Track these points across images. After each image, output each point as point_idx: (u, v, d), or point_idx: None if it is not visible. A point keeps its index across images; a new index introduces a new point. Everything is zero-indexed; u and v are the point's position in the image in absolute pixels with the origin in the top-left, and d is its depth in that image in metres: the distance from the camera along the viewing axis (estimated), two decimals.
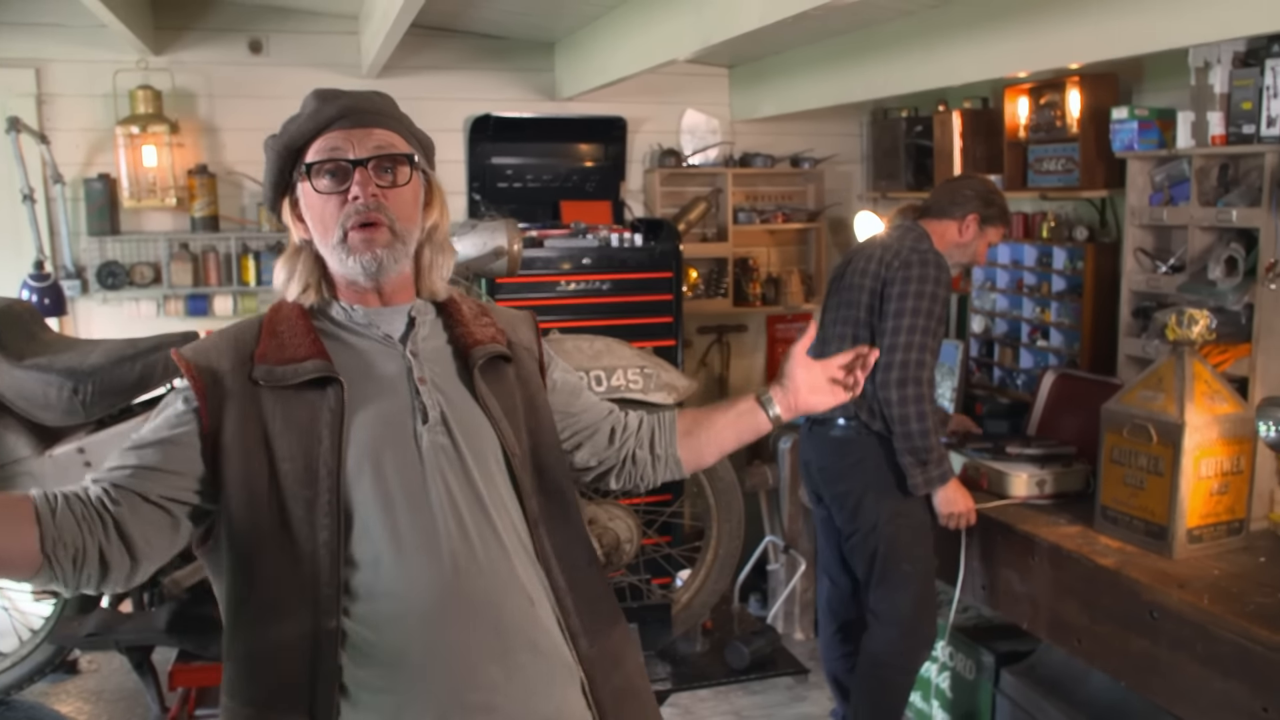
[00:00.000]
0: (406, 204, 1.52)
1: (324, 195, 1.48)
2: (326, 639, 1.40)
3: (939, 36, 3.43)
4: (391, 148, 1.51)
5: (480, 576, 1.45)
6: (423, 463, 1.46)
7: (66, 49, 4.27)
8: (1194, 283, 3.12)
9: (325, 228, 1.49)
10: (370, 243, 1.47)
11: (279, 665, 1.41)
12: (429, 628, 1.41)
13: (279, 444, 1.42)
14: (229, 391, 1.44)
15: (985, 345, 4.32)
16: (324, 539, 1.40)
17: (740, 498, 2.93)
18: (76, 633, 3.30)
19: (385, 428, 1.47)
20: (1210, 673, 2.35)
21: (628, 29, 3.87)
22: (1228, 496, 2.71)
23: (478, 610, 1.43)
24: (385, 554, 1.42)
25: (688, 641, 2.89)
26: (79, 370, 3.13)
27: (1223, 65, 2.98)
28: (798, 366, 1.80)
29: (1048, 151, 3.80)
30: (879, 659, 3.14)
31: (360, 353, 1.53)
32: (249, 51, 4.49)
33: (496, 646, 1.44)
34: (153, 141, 4.28)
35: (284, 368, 1.45)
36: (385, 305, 1.56)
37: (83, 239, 4.35)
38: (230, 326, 1.56)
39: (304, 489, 1.41)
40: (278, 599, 1.41)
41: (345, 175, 1.48)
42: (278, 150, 1.53)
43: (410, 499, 1.44)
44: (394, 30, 3.60)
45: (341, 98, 1.51)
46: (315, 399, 1.45)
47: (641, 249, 4.46)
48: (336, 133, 1.49)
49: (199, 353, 1.49)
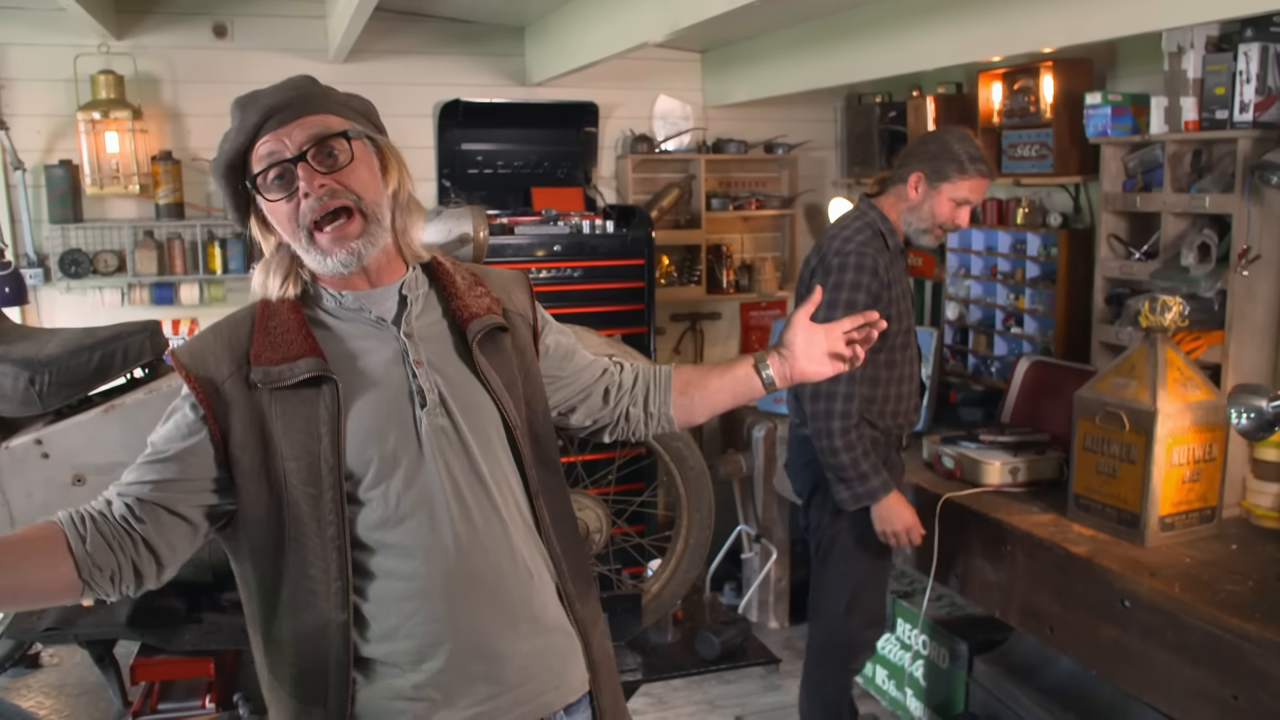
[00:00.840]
0: (363, 178, 1.49)
1: (276, 202, 1.47)
2: (337, 631, 1.44)
3: (912, 21, 3.40)
4: (323, 128, 1.47)
5: (483, 555, 1.49)
6: (422, 447, 1.48)
7: (25, 32, 4.17)
8: (1167, 269, 3.11)
9: (290, 230, 1.48)
10: (342, 239, 1.46)
11: (299, 654, 1.47)
12: (435, 606, 1.46)
13: (281, 444, 1.44)
14: (229, 397, 1.46)
15: (959, 332, 4.30)
16: (331, 535, 1.44)
17: (710, 486, 2.91)
18: (36, 627, 3.25)
19: (383, 417, 1.48)
20: (1181, 660, 2.34)
21: (598, 13, 3.83)
22: (1200, 484, 2.70)
23: (481, 588, 1.48)
24: (391, 539, 1.46)
25: (659, 631, 2.86)
26: (35, 360, 3.06)
27: (1196, 50, 2.96)
28: (798, 333, 1.79)
29: (1021, 137, 3.79)
30: (813, 653, 3.08)
31: (353, 341, 1.52)
32: (213, 35, 4.41)
33: (500, 621, 1.49)
34: (115, 127, 4.20)
35: (279, 368, 1.45)
36: (374, 286, 1.54)
37: (45, 226, 4.26)
38: (223, 323, 1.54)
39: (309, 487, 1.44)
40: (296, 591, 1.46)
41: (291, 176, 1.46)
42: (222, 172, 1.51)
43: (411, 485, 1.46)
44: (359, 13, 3.53)
45: (260, 99, 1.49)
46: (312, 397, 1.45)
47: (613, 236, 4.42)
48: (268, 136, 1.47)
49: (196, 359, 1.48)
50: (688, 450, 2.87)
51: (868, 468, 2.79)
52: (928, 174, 2.81)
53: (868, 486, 2.79)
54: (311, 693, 1.47)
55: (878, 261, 2.78)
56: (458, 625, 1.47)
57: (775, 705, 3.78)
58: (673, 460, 2.86)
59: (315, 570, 1.45)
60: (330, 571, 1.44)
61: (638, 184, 4.92)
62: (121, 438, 3.11)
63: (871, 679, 3.85)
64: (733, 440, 4.62)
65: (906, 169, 2.86)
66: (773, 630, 4.36)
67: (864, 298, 2.74)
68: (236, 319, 1.54)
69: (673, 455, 2.86)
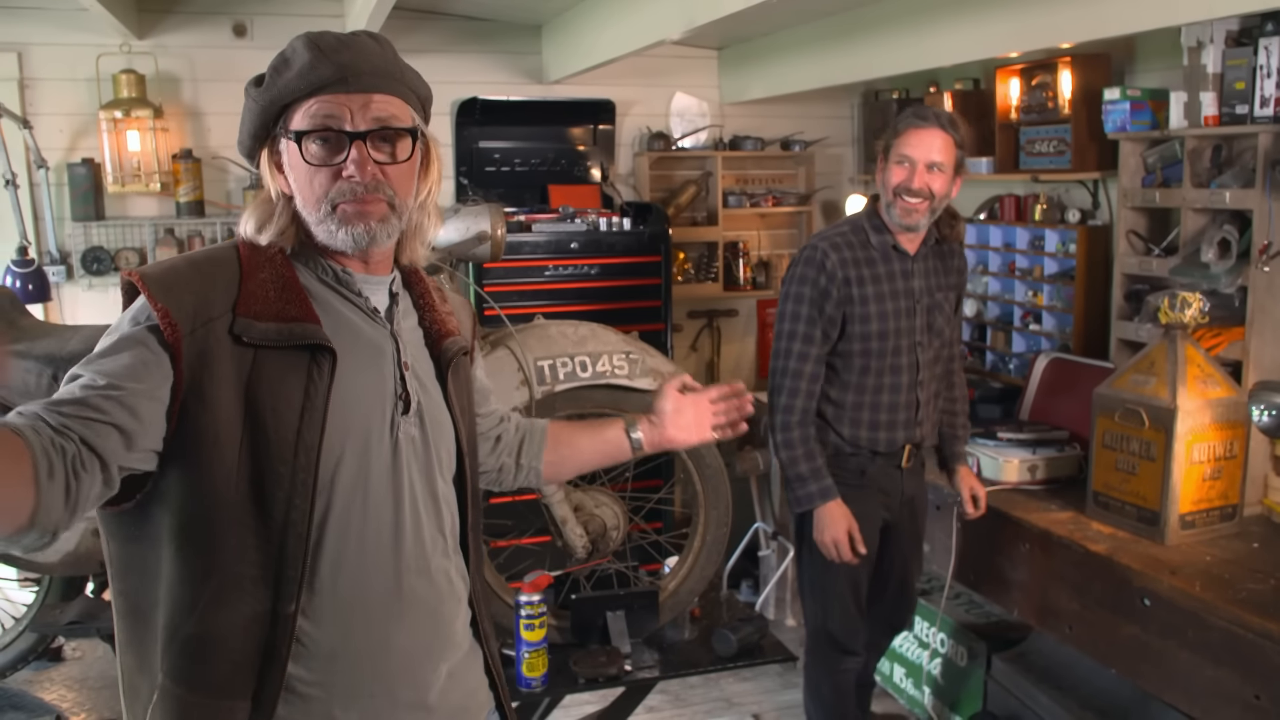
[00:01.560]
0: (405, 177, 1.39)
1: (314, 166, 1.34)
2: (282, 624, 1.32)
3: (929, 17, 3.39)
4: (393, 119, 1.36)
5: (426, 577, 1.44)
6: (396, 454, 1.41)
7: (48, 32, 4.21)
8: (1187, 265, 3.09)
9: (313, 198, 1.35)
10: (364, 215, 1.35)
11: (231, 648, 1.31)
12: (373, 625, 1.39)
13: (258, 410, 1.29)
14: (203, 344, 1.28)
15: (977, 329, 4.29)
16: (294, 518, 1.31)
17: (727, 483, 2.90)
18: (58, 620, 3.29)
19: (369, 411, 1.39)
20: (1202, 660, 2.33)
21: (614, 11, 3.83)
22: (1220, 482, 2.68)
23: (421, 611, 1.43)
24: (348, 546, 1.36)
25: (675, 629, 2.85)
26: (58, 357, 3.09)
27: (1215, 45, 2.94)
28: (667, 401, 1.82)
29: (1039, 133, 3.77)
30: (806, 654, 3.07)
31: (349, 322, 1.41)
32: (233, 35, 4.43)
33: (433, 646, 1.46)
34: (136, 126, 4.23)
35: (268, 325, 1.31)
36: (370, 274, 1.44)
37: (67, 224, 4.31)
38: (201, 259, 1.37)
39: (279, 463, 1.30)
40: (237, 576, 1.30)
41: (340, 146, 1.33)
42: (262, 104, 1.37)
43: (380, 492, 1.39)
44: (377, 12, 3.55)
45: (340, 53, 1.34)
46: (302, 364, 1.32)
47: (630, 233, 4.42)
48: (332, 97, 1.33)
49: (169, 291, 1.28)
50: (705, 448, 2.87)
51: (806, 471, 2.76)
52: (883, 149, 2.76)
53: (805, 490, 2.77)
54: (236, 688, 1.32)
55: (829, 256, 2.73)
56: (393, 648, 1.40)
57: (792, 703, 3.78)
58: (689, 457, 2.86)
59: (265, 555, 1.31)
60: (285, 558, 1.31)
61: (654, 181, 4.92)
62: None
63: (889, 677, 3.85)
64: (749, 437, 4.62)
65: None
66: (790, 628, 4.35)
67: (808, 290, 2.74)
68: (218, 257, 1.37)
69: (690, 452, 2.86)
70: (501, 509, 3.14)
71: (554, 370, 2.75)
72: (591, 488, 2.86)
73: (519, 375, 2.72)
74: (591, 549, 2.77)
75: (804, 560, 2.95)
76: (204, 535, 1.30)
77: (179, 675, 1.32)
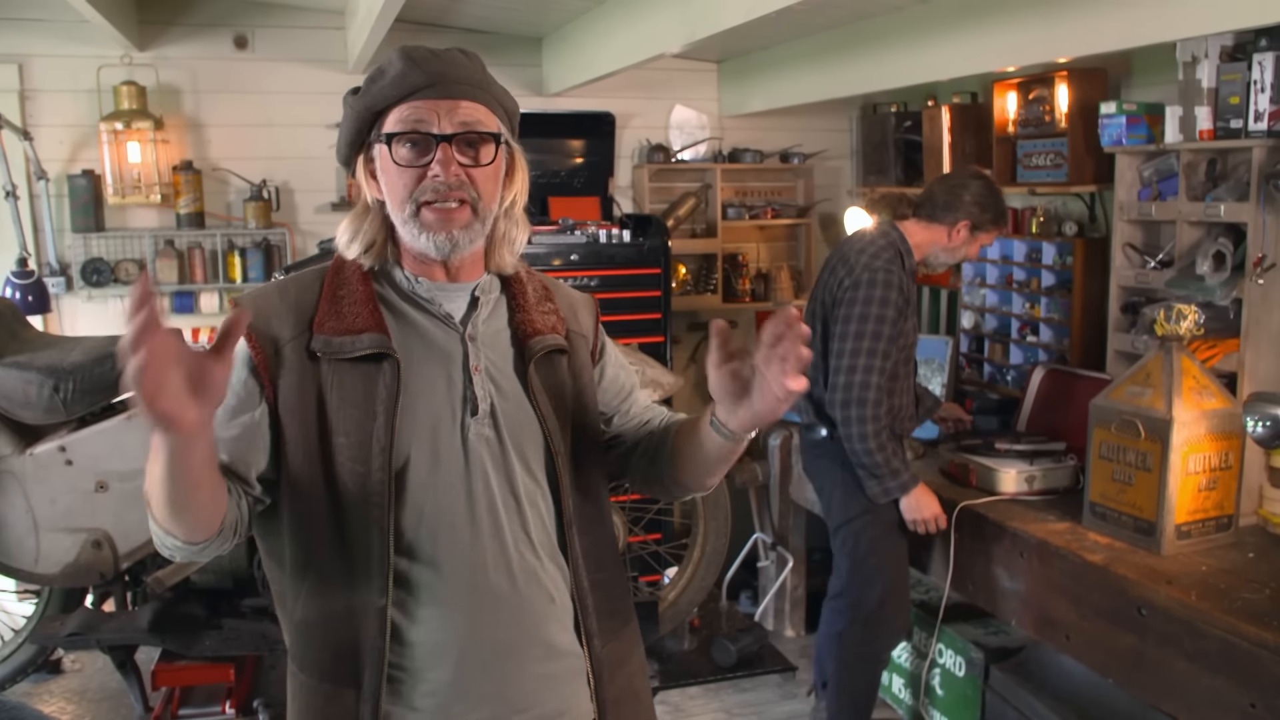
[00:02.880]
0: (488, 181, 1.46)
1: (401, 166, 1.43)
2: (375, 615, 1.41)
3: (927, 31, 3.42)
4: (479, 124, 1.44)
5: (507, 573, 1.46)
6: (466, 454, 1.45)
7: (49, 44, 4.24)
8: (1182, 278, 3.11)
9: (399, 198, 1.44)
10: (448, 223, 1.42)
11: (331, 637, 1.43)
12: (455, 618, 1.44)
13: (334, 418, 1.41)
14: (286, 361, 1.42)
15: (975, 341, 4.31)
16: (375, 516, 1.40)
17: (727, 495, 2.92)
18: (58, 632, 3.29)
19: (435, 413, 1.45)
20: (1198, 669, 2.34)
21: (614, 24, 3.85)
22: (1216, 492, 2.69)
23: (501, 606, 1.46)
24: (423, 541, 1.43)
25: (675, 639, 2.87)
26: (59, 368, 3.11)
27: (1210, 60, 2.97)
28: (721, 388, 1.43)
29: (1036, 146, 3.79)
30: (849, 648, 3.23)
31: (419, 329, 1.48)
32: (234, 47, 4.46)
33: (514, 642, 1.47)
34: (137, 138, 4.25)
35: (341, 339, 1.42)
36: (451, 281, 1.50)
37: (67, 235, 4.32)
38: (290, 283, 1.51)
39: (358, 464, 1.41)
40: (327, 571, 1.43)
41: (427, 148, 1.42)
42: (358, 110, 1.47)
43: (450, 490, 1.44)
44: (378, 25, 3.57)
45: (431, 63, 1.44)
46: (372, 373, 1.42)
47: (630, 245, 4.44)
48: (422, 102, 1.43)
49: (260, 315, 1.44)
50: None
51: (898, 464, 3.02)
52: (974, 223, 3.09)
53: (899, 480, 3.01)
54: (345, 677, 1.42)
55: (902, 280, 3.02)
56: (473, 639, 1.44)
57: (791, 713, 3.78)
58: None
59: (355, 550, 1.41)
60: (371, 553, 1.41)
61: (654, 193, 4.94)
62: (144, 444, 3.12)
63: (888, 687, 3.85)
64: (748, 448, 4.62)
65: (953, 215, 3.09)
66: (789, 638, 4.36)
67: (891, 312, 2.98)
68: (305, 281, 1.50)
69: None
70: None
71: None
72: None
73: None
74: None
75: (866, 551, 3.15)
76: (303, 531, 1.44)
77: (295, 655, 1.48)
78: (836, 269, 3.11)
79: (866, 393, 2.96)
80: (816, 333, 3.12)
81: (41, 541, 3.19)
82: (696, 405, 5.14)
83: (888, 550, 3.15)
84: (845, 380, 2.98)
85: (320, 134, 4.52)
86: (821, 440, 3.20)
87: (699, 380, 5.16)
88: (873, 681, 3.30)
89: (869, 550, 3.15)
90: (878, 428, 2.98)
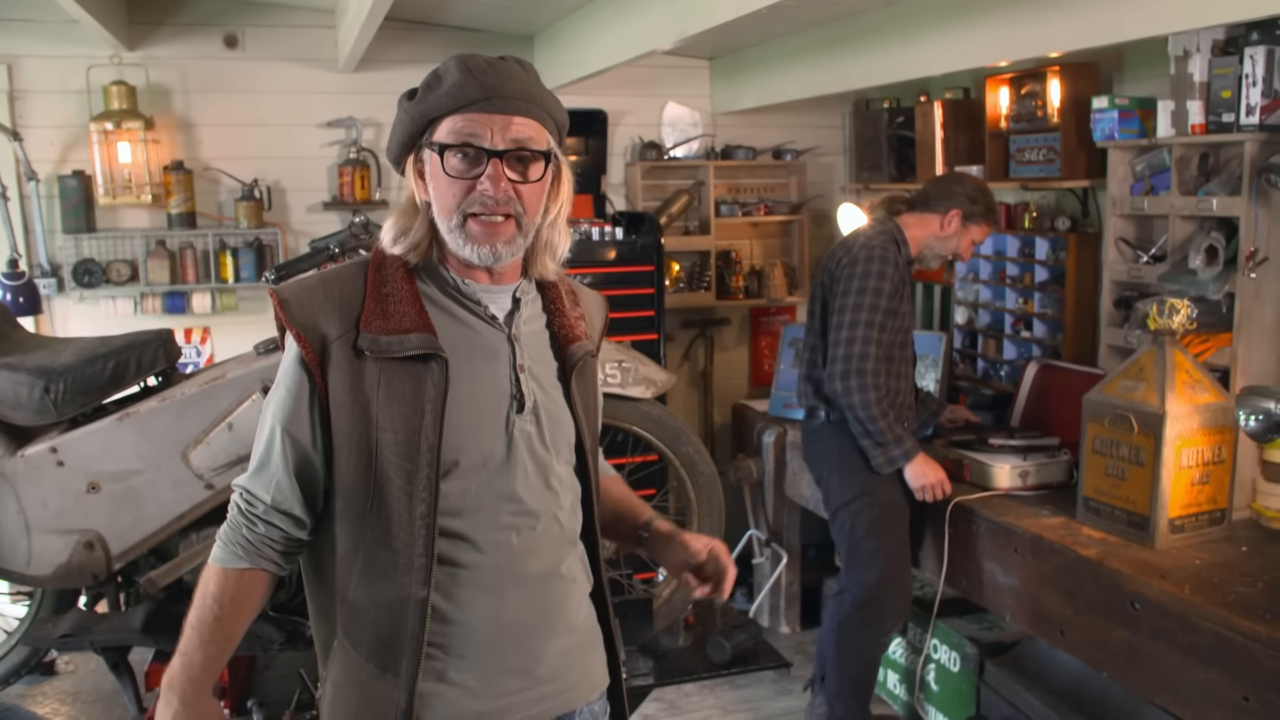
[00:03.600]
0: (535, 197, 1.50)
1: (451, 177, 1.46)
2: (416, 607, 1.46)
3: (919, 26, 3.41)
4: (530, 142, 1.47)
5: (540, 558, 1.55)
6: (510, 448, 1.51)
7: (38, 44, 4.21)
8: (1175, 272, 3.11)
9: (447, 207, 1.47)
10: (492, 236, 1.46)
11: (380, 622, 1.48)
12: (491, 600, 1.50)
13: (382, 415, 1.45)
14: (334, 357, 1.46)
15: (969, 336, 4.31)
16: (421, 511, 1.44)
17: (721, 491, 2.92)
18: (51, 634, 3.27)
19: (484, 410, 1.50)
20: (1192, 662, 2.34)
21: (606, 21, 3.85)
22: (1209, 486, 2.70)
23: (532, 589, 1.54)
24: (461, 528, 1.48)
25: (670, 636, 2.87)
26: (50, 369, 3.09)
27: (1202, 54, 2.97)
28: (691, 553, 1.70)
29: (1029, 142, 3.79)
30: (847, 632, 3.26)
31: (466, 328, 1.52)
32: (224, 46, 4.44)
33: (542, 621, 1.56)
34: (128, 138, 4.23)
35: (389, 338, 1.45)
36: (494, 284, 1.55)
37: (58, 236, 4.30)
38: (332, 278, 1.53)
39: (405, 461, 1.44)
40: (377, 560, 1.47)
41: (478, 161, 1.45)
42: (412, 116, 1.49)
43: (494, 481, 1.50)
44: (369, 23, 3.56)
45: (488, 75, 1.46)
46: (420, 372, 1.45)
47: (623, 242, 4.43)
48: (477, 115, 1.45)
49: (304, 311, 1.47)
50: (698, 456, 2.88)
51: (901, 430, 3.12)
52: (965, 213, 3.18)
53: (903, 448, 3.10)
54: (386, 661, 1.48)
55: (898, 260, 3.15)
56: (504, 621, 1.51)
57: (787, 710, 3.78)
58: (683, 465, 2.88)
59: (399, 544, 1.46)
60: (415, 547, 1.45)
61: (647, 191, 4.93)
62: (135, 445, 3.13)
63: (883, 683, 3.86)
64: (743, 445, 4.63)
65: (945, 204, 3.21)
66: (784, 635, 4.36)
67: (888, 286, 3.08)
68: (347, 276, 1.53)
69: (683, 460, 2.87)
70: None
71: None
72: None
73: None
74: None
75: (864, 533, 3.20)
76: (353, 521, 1.49)
77: (348, 633, 1.52)
78: (836, 252, 3.23)
79: (865, 363, 3.04)
80: (816, 315, 3.27)
81: (33, 543, 3.18)
82: (690, 402, 5.14)
83: (885, 532, 3.18)
84: (845, 351, 3.06)
85: (312, 133, 4.51)
86: (821, 425, 3.26)
87: (692, 378, 5.16)
88: (872, 667, 3.33)
89: (866, 532, 3.19)
90: (879, 395, 3.05)
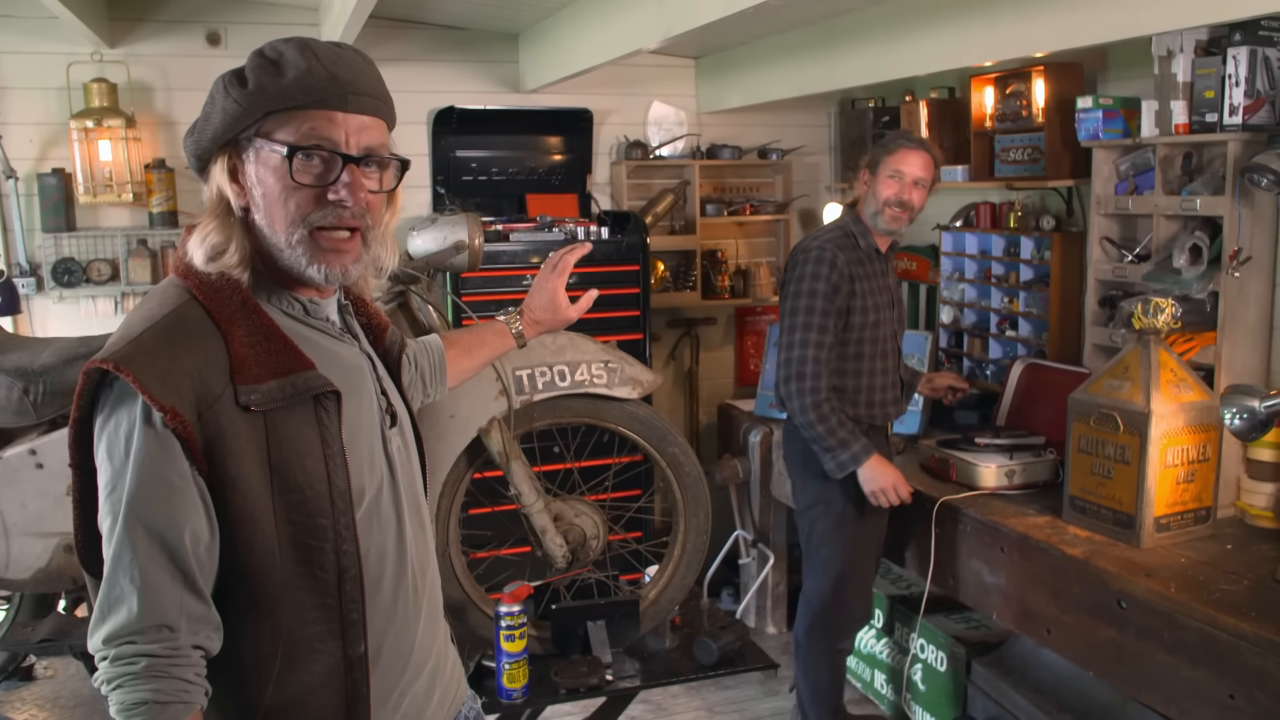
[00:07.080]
0: (382, 207, 1.36)
1: (298, 185, 1.27)
2: (357, 664, 1.34)
3: (904, 26, 3.41)
4: (383, 147, 1.33)
5: (423, 573, 1.50)
6: (393, 468, 1.43)
7: (17, 40, 4.17)
8: (1159, 271, 3.12)
9: (287, 218, 1.27)
10: (342, 255, 1.31)
11: (314, 706, 1.32)
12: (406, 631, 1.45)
13: (286, 473, 1.26)
14: (216, 426, 1.22)
15: (954, 336, 4.31)
16: (346, 564, 1.30)
17: (707, 492, 2.90)
18: (30, 638, 3.24)
19: (370, 435, 1.39)
20: (1178, 661, 2.34)
21: (591, 20, 3.83)
22: (1194, 485, 2.71)
23: (427, 606, 1.51)
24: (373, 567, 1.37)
25: (656, 638, 2.85)
26: (29, 370, 3.05)
27: (1185, 54, 2.98)
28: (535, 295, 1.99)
29: (1014, 141, 3.80)
30: (802, 639, 3.28)
31: (330, 352, 1.37)
32: (207, 44, 4.41)
33: (437, 635, 1.55)
34: (108, 136, 4.19)
35: (272, 385, 1.26)
36: (322, 297, 1.41)
37: (37, 235, 4.26)
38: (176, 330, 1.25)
39: (320, 516, 1.28)
40: (304, 637, 1.30)
41: (332, 166, 1.27)
42: (243, 107, 1.26)
43: (385, 506, 1.40)
44: (353, 21, 3.54)
45: (339, 67, 1.28)
46: (312, 414, 1.29)
47: (608, 242, 4.42)
48: (329, 113, 1.27)
49: (166, 383, 1.19)
50: (684, 456, 2.87)
51: (845, 434, 3.02)
52: (869, 165, 3.15)
53: (850, 451, 3.01)
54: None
55: (837, 256, 3.04)
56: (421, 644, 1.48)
57: (774, 710, 3.78)
58: (669, 466, 2.86)
59: (326, 609, 1.30)
60: (345, 604, 1.31)
61: (632, 190, 4.92)
62: None
63: (869, 682, 3.86)
64: (729, 445, 4.62)
65: (856, 173, 3.24)
66: (771, 635, 4.36)
67: (823, 286, 3.01)
68: (191, 320, 1.26)
69: (669, 461, 2.86)
70: (481, 520, 3.13)
71: (532, 379, 2.74)
72: (571, 497, 2.86)
73: (497, 385, 2.71)
74: (571, 559, 2.76)
75: (819, 541, 3.19)
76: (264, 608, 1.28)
77: None
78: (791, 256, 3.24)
79: (804, 366, 3.00)
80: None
81: (12, 546, 3.14)
82: (676, 402, 5.13)
83: (838, 543, 3.17)
84: (785, 357, 3.06)
85: None
86: (791, 428, 3.26)
87: (678, 378, 5.15)
88: (835, 674, 3.31)
89: (820, 541, 3.20)
90: (817, 400, 3.00)
